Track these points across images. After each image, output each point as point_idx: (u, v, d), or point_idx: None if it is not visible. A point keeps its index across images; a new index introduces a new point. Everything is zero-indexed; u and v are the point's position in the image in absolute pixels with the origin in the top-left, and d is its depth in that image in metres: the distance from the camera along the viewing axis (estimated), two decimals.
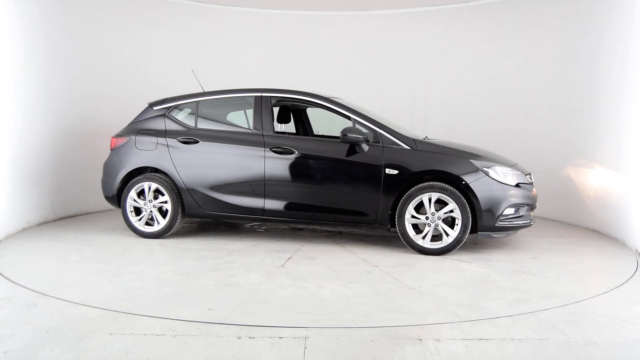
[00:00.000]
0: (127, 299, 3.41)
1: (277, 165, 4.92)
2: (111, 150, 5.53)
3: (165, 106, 5.47)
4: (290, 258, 4.58)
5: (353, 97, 6.49)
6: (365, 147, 4.77)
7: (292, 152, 4.91)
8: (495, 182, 4.62)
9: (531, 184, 4.92)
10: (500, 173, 4.67)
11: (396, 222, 4.72)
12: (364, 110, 5.19)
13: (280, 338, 2.81)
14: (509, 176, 4.71)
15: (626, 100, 5.36)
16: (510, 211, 4.66)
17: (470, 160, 4.67)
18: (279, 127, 5.55)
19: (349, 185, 4.80)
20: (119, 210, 5.60)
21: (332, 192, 4.84)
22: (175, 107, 5.44)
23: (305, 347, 2.70)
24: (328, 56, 8.22)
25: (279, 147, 4.94)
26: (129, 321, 3.00)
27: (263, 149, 4.97)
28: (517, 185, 4.72)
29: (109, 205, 6.87)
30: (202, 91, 5.55)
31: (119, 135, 5.53)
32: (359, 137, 4.73)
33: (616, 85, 5.59)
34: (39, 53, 5.80)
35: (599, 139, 5.93)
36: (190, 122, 5.35)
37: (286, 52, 8.21)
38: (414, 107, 7.87)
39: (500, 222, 4.63)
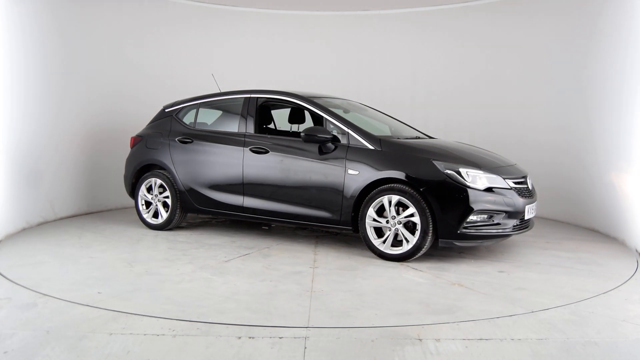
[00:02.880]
0: (48, 278, 3.84)
1: (254, 164, 5.03)
2: (130, 148, 5.97)
3: (174, 108, 5.84)
4: (247, 255, 4.67)
5: (353, 96, 6.49)
6: (331, 146, 4.67)
7: (266, 152, 4.98)
8: (458, 185, 4.24)
9: (513, 189, 4.42)
10: (466, 176, 4.27)
11: (359, 225, 4.55)
12: (333, 109, 5.02)
13: (280, 338, 2.81)
14: (479, 179, 4.29)
15: (626, 98, 5.36)
16: (478, 218, 4.25)
17: (433, 161, 4.33)
18: (293, 128, 5.71)
19: (315, 185, 4.70)
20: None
21: (300, 192, 4.79)
22: (182, 109, 5.79)
23: (305, 347, 2.70)
24: (328, 56, 8.22)
25: (256, 147, 5.04)
26: (129, 321, 3.00)
27: (243, 148, 5.11)
28: (490, 190, 4.30)
29: (109, 205, 6.91)
30: (205, 94, 5.79)
31: (137, 135, 5.97)
32: (320, 137, 4.64)
33: (615, 83, 5.58)
34: (39, 53, 5.80)
35: (598, 139, 5.93)
36: (191, 123, 5.66)
37: (286, 52, 8.21)
38: (414, 106, 7.86)
39: (464, 230, 4.22)
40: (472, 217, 4.22)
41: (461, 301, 3.46)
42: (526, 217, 4.53)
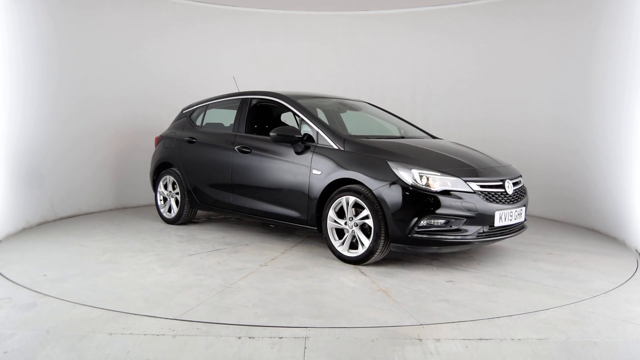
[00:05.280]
0: (18, 261, 4.29)
1: (240, 163, 5.17)
2: (155, 147, 6.34)
3: (189, 110, 6.16)
4: (218, 250, 4.80)
5: (353, 96, 6.49)
6: (300, 146, 4.65)
7: (250, 152, 5.09)
8: (409, 187, 4.00)
9: (479, 192, 4.10)
10: (418, 177, 4.02)
11: (322, 226, 4.49)
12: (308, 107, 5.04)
13: (280, 338, 2.81)
14: (433, 182, 4.02)
15: (626, 99, 5.36)
16: (433, 222, 3.97)
17: (388, 161, 4.14)
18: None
19: (287, 184, 4.73)
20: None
21: (275, 190, 4.86)
22: (194, 110, 6.09)
23: (305, 347, 2.70)
24: (328, 56, 8.22)
25: (242, 147, 5.17)
26: (129, 321, 3.00)
27: (233, 148, 5.25)
28: (447, 193, 4.01)
29: (109, 205, 6.91)
30: (214, 95, 6.05)
31: (159, 135, 6.32)
32: (288, 137, 4.65)
33: (616, 82, 5.59)
34: (39, 53, 5.79)
35: (599, 138, 5.93)
36: (199, 124, 5.94)
37: (286, 52, 8.21)
38: (414, 106, 7.87)
39: (416, 234, 3.98)
40: (424, 222, 3.97)
41: (358, 308, 3.31)
42: (497, 224, 4.17)
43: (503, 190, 4.30)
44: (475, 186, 4.13)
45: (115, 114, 6.95)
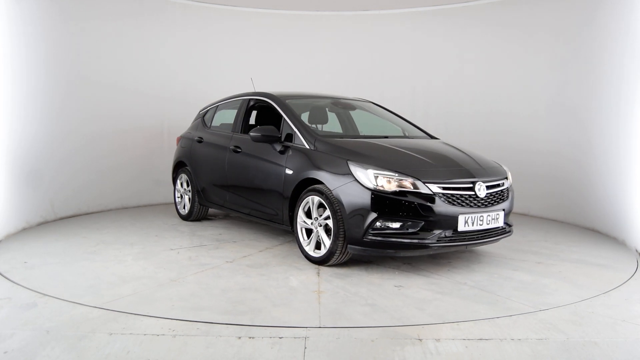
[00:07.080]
0: (11, 249, 4.61)
1: (233, 162, 5.30)
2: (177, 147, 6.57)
3: (204, 111, 6.36)
4: (201, 246, 4.93)
5: (353, 95, 6.49)
6: (279, 146, 4.69)
7: (241, 151, 5.21)
8: (364, 187, 3.90)
9: (440, 195, 3.89)
10: (374, 178, 3.89)
11: (294, 225, 4.48)
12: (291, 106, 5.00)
13: (280, 338, 2.81)
14: (388, 183, 3.87)
15: (626, 99, 5.36)
16: (386, 224, 3.85)
17: (348, 161, 4.04)
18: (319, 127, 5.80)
19: (266, 183, 4.80)
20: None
21: (259, 189, 4.95)
22: (207, 111, 6.29)
23: (305, 347, 2.71)
24: (329, 56, 8.22)
25: (235, 146, 5.30)
26: (129, 321, 3.00)
27: (228, 147, 5.40)
28: (403, 194, 3.84)
29: (108, 205, 6.90)
30: (225, 96, 6.20)
31: (180, 135, 6.52)
32: (266, 136, 4.69)
33: (613, 82, 5.58)
34: (41, 53, 5.79)
35: (599, 138, 5.93)
36: (209, 124, 6.12)
37: (286, 52, 8.21)
38: (414, 106, 7.87)
39: (369, 236, 3.86)
40: (378, 223, 3.85)
41: (275, 307, 3.29)
42: (462, 229, 3.94)
43: (472, 192, 4.05)
44: (435, 188, 3.92)
45: (119, 114, 6.95)
